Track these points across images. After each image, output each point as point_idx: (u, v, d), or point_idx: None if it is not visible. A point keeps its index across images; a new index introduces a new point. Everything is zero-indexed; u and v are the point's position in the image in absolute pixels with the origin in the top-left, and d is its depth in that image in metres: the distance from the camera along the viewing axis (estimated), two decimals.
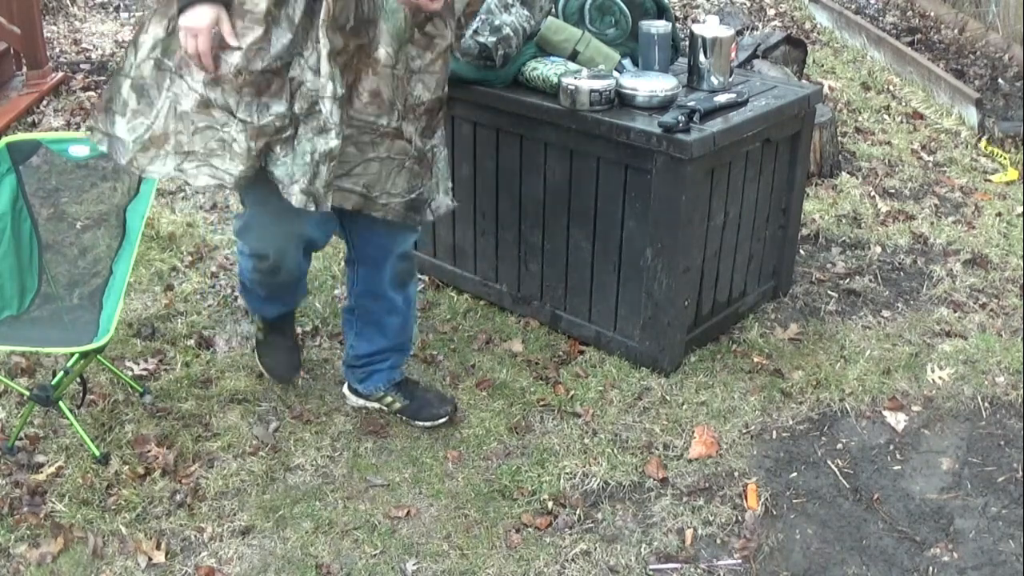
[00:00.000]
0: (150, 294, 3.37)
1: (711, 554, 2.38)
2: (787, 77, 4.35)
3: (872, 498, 2.56)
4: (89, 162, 2.76)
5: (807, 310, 3.39)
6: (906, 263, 3.72)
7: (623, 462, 2.65)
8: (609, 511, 2.49)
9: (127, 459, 2.61)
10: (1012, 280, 3.61)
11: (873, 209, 4.10)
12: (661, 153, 2.73)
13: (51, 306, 2.76)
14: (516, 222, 3.17)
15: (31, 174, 2.76)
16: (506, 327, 3.23)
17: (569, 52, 3.03)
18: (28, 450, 2.64)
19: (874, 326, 3.29)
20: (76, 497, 2.48)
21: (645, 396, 2.91)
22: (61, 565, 2.30)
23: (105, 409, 2.79)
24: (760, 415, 2.84)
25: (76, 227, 2.82)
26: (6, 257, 2.70)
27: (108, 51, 5.26)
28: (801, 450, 2.72)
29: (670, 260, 2.85)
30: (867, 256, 3.75)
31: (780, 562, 2.36)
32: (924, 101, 5.23)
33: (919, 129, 4.95)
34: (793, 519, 2.49)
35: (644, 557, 2.36)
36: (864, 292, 3.50)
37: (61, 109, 4.60)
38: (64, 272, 2.79)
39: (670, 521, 2.46)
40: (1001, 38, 5.71)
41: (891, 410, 2.89)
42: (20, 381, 2.86)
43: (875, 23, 6.25)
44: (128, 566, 2.30)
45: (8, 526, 2.40)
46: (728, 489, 2.57)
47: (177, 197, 3.99)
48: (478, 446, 2.71)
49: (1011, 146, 4.72)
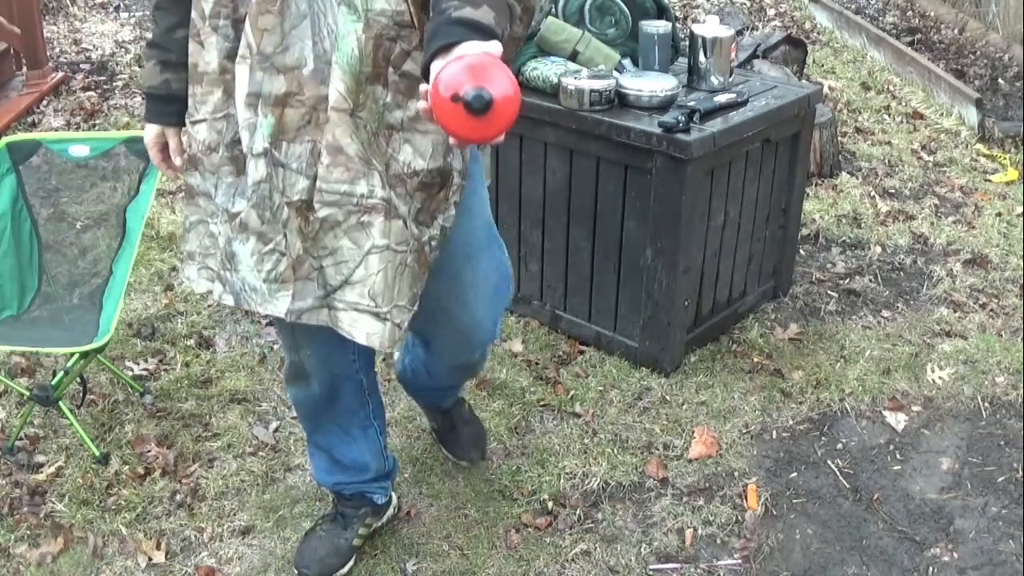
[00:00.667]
0: (150, 294, 3.37)
1: (711, 554, 2.38)
2: (787, 77, 4.35)
3: (872, 498, 2.56)
4: (89, 162, 2.76)
5: (807, 310, 3.39)
6: (906, 263, 3.72)
7: (623, 462, 2.65)
8: (609, 511, 2.49)
9: (127, 459, 2.61)
10: (1012, 280, 3.61)
11: (873, 209, 4.10)
12: (661, 153, 2.73)
13: (51, 306, 2.76)
14: (516, 222, 3.17)
15: (31, 174, 2.76)
16: (506, 327, 3.23)
17: (569, 52, 3.02)
18: (28, 450, 2.64)
19: (874, 326, 3.29)
20: (76, 497, 2.48)
21: (645, 396, 2.91)
22: (61, 565, 2.30)
23: (105, 409, 2.79)
24: (760, 415, 2.84)
25: (76, 227, 2.82)
26: (6, 257, 2.70)
27: (108, 51, 5.26)
28: (801, 450, 2.72)
29: (670, 260, 2.85)
30: (867, 256, 3.75)
31: (780, 562, 2.36)
32: (924, 101, 5.23)
33: (919, 129, 4.95)
34: (793, 519, 2.49)
35: (644, 557, 2.36)
36: (864, 292, 3.50)
37: (61, 109, 4.60)
38: (64, 272, 2.79)
39: (670, 521, 2.46)
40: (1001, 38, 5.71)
41: (891, 410, 2.89)
42: (20, 381, 2.86)
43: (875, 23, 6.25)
44: (128, 566, 2.30)
45: (8, 526, 2.40)
46: (728, 489, 2.57)
47: (177, 197, 3.98)
48: None
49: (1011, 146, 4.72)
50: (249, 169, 1.73)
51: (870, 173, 4.42)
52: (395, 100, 1.69)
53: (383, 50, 1.65)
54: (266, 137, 1.69)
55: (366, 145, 1.69)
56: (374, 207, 1.72)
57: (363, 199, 1.72)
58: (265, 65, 1.66)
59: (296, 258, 1.77)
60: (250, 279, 1.80)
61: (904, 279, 3.62)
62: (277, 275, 1.79)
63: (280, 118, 1.68)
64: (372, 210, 1.72)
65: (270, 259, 1.78)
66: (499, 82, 1.33)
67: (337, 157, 1.69)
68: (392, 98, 1.69)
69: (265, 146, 1.70)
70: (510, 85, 1.34)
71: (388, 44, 1.65)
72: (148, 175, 2.74)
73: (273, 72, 1.67)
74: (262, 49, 1.66)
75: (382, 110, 1.69)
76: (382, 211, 1.73)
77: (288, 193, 1.73)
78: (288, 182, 1.72)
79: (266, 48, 1.66)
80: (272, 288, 1.79)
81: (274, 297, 1.79)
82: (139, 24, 5.64)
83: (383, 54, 1.65)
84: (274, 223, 1.76)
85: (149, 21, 3.63)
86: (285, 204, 1.73)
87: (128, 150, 2.75)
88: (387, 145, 1.73)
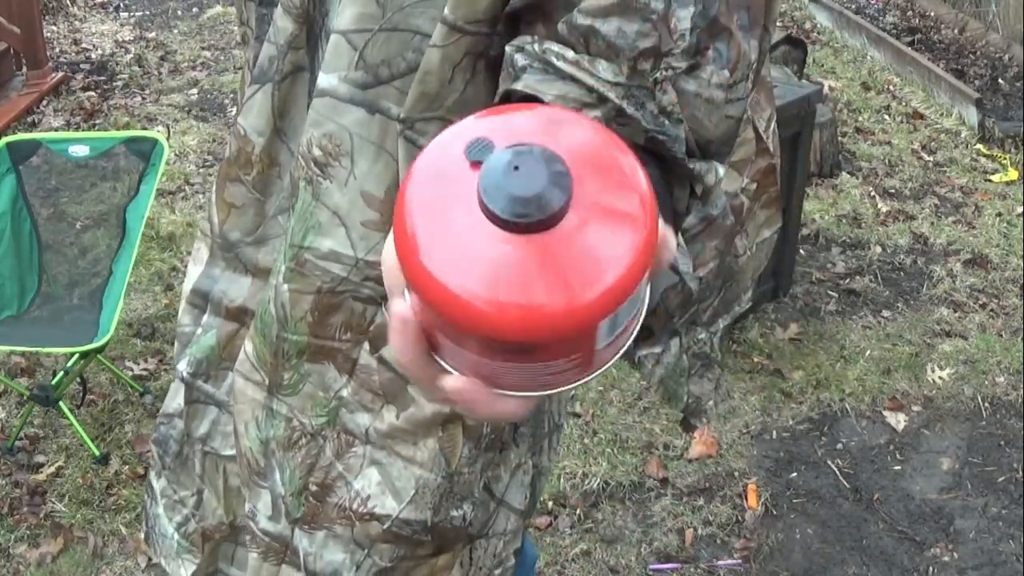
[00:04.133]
0: (150, 294, 3.37)
1: (711, 554, 2.38)
2: (787, 77, 4.35)
3: (872, 498, 2.55)
4: (89, 162, 2.76)
5: (807, 310, 3.39)
6: (906, 263, 3.72)
7: (623, 462, 2.65)
8: (609, 511, 2.49)
9: (127, 459, 2.61)
10: (1012, 280, 3.61)
11: (873, 209, 4.10)
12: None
13: (51, 306, 2.75)
14: None
15: (31, 174, 2.76)
16: None
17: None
18: (28, 450, 2.64)
19: (874, 326, 3.29)
20: (76, 497, 2.48)
21: (645, 396, 2.91)
22: (61, 565, 2.30)
23: (105, 409, 2.79)
24: (760, 415, 2.84)
25: (76, 227, 2.82)
26: (6, 257, 2.70)
27: (108, 51, 5.26)
28: (801, 450, 2.72)
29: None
30: (867, 256, 3.75)
31: (780, 562, 2.36)
32: (924, 101, 5.23)
33: (919, 129, 4.94)
34: (793, 519, 2.49)
35: (644, 557, 2.36)
36: (864, 292, 3.50)
37: (61, 109, 4.60)
38: (64, 272, 2.79)
39: (670, 521, 2.46)
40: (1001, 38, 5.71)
41: (891, 410, 2.88)
42: (20, 381, 2.86)
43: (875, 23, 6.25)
44: (128, 566, 2.30)
45: (8, 526, 2.40)
46: (728, 489, 2.57)
47: (177, 197, 3.98)
48: None
49: (1011, 146, 4.72)
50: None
51: (870, 173, 4.42)
52: (359, 397, 1.04)
53: (341, 315, 1.01)
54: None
55: (278, 444, 1.08)
56: (253, 539, 1.13)
57: (243, 518, 1.16)
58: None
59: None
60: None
61: (904, 279, 3.62)
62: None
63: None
64: (252, 541, 1.14)
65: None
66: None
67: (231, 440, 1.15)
68: (355, 393, 1.04)
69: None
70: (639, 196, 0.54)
71: (355, 306, 1.00)
72: (148, 175, 2.74)
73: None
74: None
75: (332, 405, 1.05)
76: (264, 550, 1.12)
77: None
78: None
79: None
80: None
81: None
82: (139, 24, 5.64)
83: (342, 321, 1.01)
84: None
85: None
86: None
87: (128, 150, 2.74)
88: (336, 459, 1.07)
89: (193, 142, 4.16)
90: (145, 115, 4.44)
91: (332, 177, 0.96)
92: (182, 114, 4.46)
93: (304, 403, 1.05)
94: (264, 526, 1.11)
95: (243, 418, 1.10)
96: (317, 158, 0.96)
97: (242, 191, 1.08)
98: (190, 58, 5.06)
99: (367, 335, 1.00)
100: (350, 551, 1.07)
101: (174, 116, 4.44)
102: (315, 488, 1.06)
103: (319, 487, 1.06)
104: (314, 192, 0.97)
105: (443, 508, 1.06)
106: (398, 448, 1.04)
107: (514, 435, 1.10)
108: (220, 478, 1.19)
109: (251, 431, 1.09)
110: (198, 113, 4.48)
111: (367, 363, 1.02)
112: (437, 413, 1.01)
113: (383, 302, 0.97)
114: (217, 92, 4.64)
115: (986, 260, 3.74)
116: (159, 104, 4.56)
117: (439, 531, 1.07)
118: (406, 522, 1.05)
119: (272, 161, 1.05)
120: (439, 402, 0.61)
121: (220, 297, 1.13)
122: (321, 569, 1.09)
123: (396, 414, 1.02)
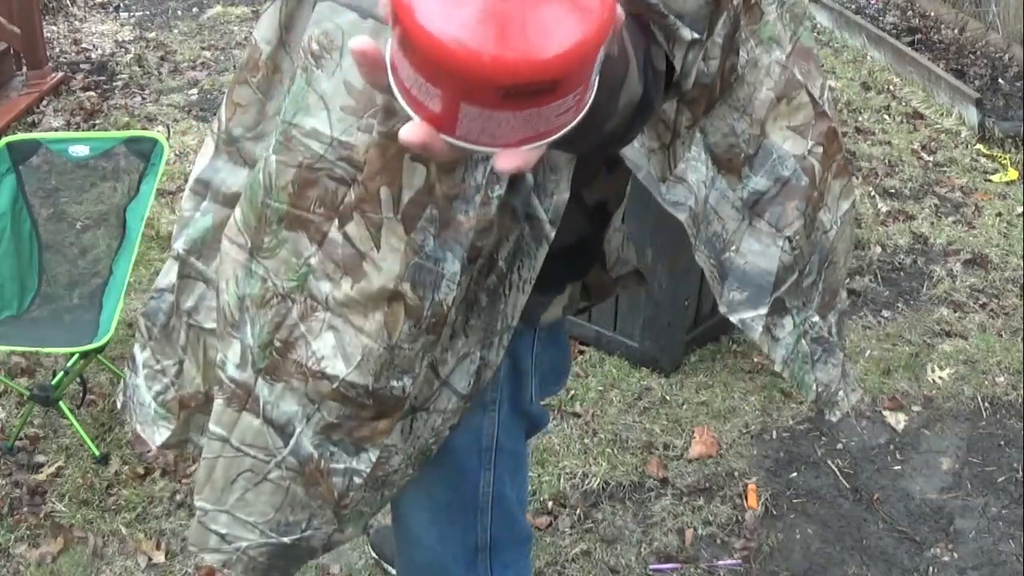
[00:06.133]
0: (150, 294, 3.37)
1: (711, 554, 2.38)
2: None
3: (872, 498, 2.56)
4: (89, 162, 2.76)
5: None
6: (906, 263, 3.72)
7: (623, 462, 2.65)
8: (609, 511, 2.49)
9: (127, 459, 2.61)
10: (1012, 280, 3.61)
11: (873, 209, 4.10)
12: None
13: (51, 306, 2.76)
14: None
15: (31, 174, 2.76)
16: None
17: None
18: (28, 450, 2.64)
19: (874, 326, 3.29)
20: (76, 497, 2.48)
21: (645, 396, 2.91)
22: (61, 565, 2.30)
23: (105, 409, 2.79)
24: (760, 415, 2.84)
25: (76, 227, 2.82)
26: (6, 257, 2.70)
27: (108, 51, 5.26)
28: (801, 450, 2.72)
29: (671, 260, 2.84)
30: (867, 256, 3.75)
31: (780, 562, 2.36)
32: (924, 101, 5.23)
33: (919, 129, 4.94)
34: (793, 519, 2.49)
35: (644, 557, 2.36)
36: (864, 292, 3.50)
37: (61, 109, 4.60)
38: (64, 272, 2.79)
39: (670, 521, 2.46)
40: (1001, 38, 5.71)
41: (891, 410, 2.89)
42: (20, 381, 2.86)
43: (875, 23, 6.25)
44: (128, 566, 2.30)
45: (8, 526, 2.40)
46: (728, 489, 2.57)
47: (177, 197, 3.98)
48: None
49: (1011, 146, 4.72)
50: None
51: (870, 173, 4.42)
52: (324, 267, 1.16)
53: (317, 190, 1.13)
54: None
55: (252, 302, 1.21)
56: (220, 388, 1.28)
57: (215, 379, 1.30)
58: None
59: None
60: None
61: (904, 279, 3.62)
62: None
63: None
64: (220, 390, 1.28)
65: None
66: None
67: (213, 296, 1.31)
68: (321, 262, 1.16)
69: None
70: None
71: (328, 184, 1.13)
72: (148, 175, 2.74)
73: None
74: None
75: (302, 271, 1.17)
76: (229, 396, 1.26)
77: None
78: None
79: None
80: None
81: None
82: (139, 24, 5.64)
83: (317, 196, 1.14)
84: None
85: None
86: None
87: (128, 150, 2.75)
88: (300, 321, 1.20)
89: (193, 142, 4.16)
90: (145, 115, 4.44)
91: (323, 67, 1.10)
92: (182, 114, 4.47)
93: (279, 266, 1.18)
94: (232, 373, 1.25)
95: (225, 276, 1.24)
96: (314, 51, 1.10)
97: (248, 92, 1.24)
98: (190, 58, 5.06)
99: (337, 212, 1.13)
100: (303, 404, 1.22)
101: (174, 116, 4.44)
102: (279, 344, 1.20)
103: (282, 343, 1.20)
104: (307, 78, 1.11)
105: (383, 376, 1.18)
106: (351, 317, 1.16)
107: (465, 326, 1.21)
108: (200, 350, 1.36)
109: (231, 287, 1.23)
110: (198, 113, 4.48)
111: (334, 237, 1.14)
112: (383, 288, 1.13)
113: (352, 184, 1.11)
114: (217, 92, 4.64)
115: (986, 260, 3.74)
116: (159, 104, 4.56)
117: (379, 397, 1.20)
118: (351, 384, 1.18)
119: (276, 68, 1.21)
120: (403, 142, 0.67)
121: (219, 185, 1.29)
122: (276, 417, 1.23)
123: (351, 284, 1.14)
